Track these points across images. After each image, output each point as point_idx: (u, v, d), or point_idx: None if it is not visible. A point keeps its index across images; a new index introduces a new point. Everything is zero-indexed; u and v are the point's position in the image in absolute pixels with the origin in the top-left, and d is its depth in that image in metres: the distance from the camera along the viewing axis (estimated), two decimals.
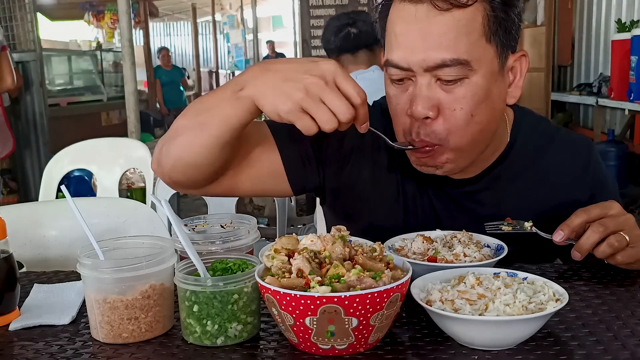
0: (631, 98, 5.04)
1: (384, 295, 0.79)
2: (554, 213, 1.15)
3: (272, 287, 0.81)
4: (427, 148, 1.08)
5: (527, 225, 1.12)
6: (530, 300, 0.85)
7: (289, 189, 1.23)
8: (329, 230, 1.49)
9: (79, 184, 4.42)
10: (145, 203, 1.81)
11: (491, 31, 1.04)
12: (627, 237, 1.03)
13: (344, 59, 2.57)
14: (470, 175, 1.21)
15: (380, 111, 1.23)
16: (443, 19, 1.01)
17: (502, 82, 1.10)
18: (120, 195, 2.74)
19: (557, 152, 1.24)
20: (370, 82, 2.46)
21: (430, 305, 0.85)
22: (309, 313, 0.79)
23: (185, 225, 1.07)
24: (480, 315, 0.83)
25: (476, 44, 1.03)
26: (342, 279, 0.82)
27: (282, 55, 12.49)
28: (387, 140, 1.11)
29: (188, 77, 11.56)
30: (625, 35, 5.26)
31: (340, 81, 0.93)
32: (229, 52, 17.90)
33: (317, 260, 0.87)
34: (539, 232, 1.11)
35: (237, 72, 16.04)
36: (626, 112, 5.59)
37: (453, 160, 1.10)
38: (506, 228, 1.12)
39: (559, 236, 1.05)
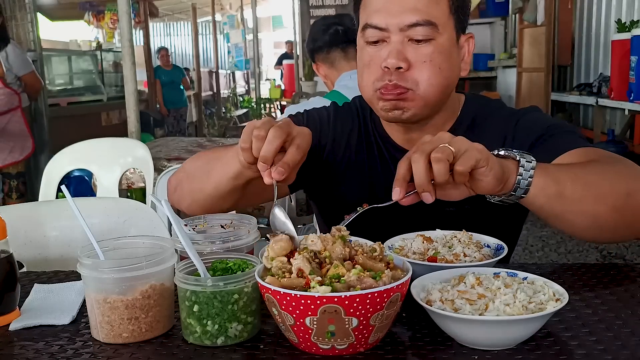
0: (631, 98, 5.03)
1: (384, 295, 0.80)
2: None
3: (272, 287, 0.81)
4: (399, 92, 1.20)
5: (360, 209, 1.05)
6: (530, 300, 0.85)
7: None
8: (321, 228, 1.51)
9: (79, 184, 4.41)
10: (145, 203, 1.81)
11: (454, 5, 1.23)
12: (450, 147, 0.93)
13: (335, 56, 2.53)
14: None
15: (355, 108, 1.42)
16: None
17: (457, 53, 1.27)
18: (120, 195, 2.74)
19: (493, 124, 1.32)
20: None
21: (430, 305, 0.86)
22: (309, 313, 0.79)
23: (185, 225, 1.07)
24: (480, 315, 0.83)
25: (443, 12, 1.21)
26: (342, 279, 0.82)
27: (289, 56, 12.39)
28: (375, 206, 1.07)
29: (190, 78, 11.52)
30: (625, 35, 5.24)
31: None
32: (229, 52, 17.91)
33: (317, 260, 0.88)
34: (374, 205, 1.04)
35: (236, 72, 16.05)
36: (626, 112, 5.58)
37: (418, 107, 1.23)
38: (345, 226, 0.99)
39: (396, 194, 0.96)
